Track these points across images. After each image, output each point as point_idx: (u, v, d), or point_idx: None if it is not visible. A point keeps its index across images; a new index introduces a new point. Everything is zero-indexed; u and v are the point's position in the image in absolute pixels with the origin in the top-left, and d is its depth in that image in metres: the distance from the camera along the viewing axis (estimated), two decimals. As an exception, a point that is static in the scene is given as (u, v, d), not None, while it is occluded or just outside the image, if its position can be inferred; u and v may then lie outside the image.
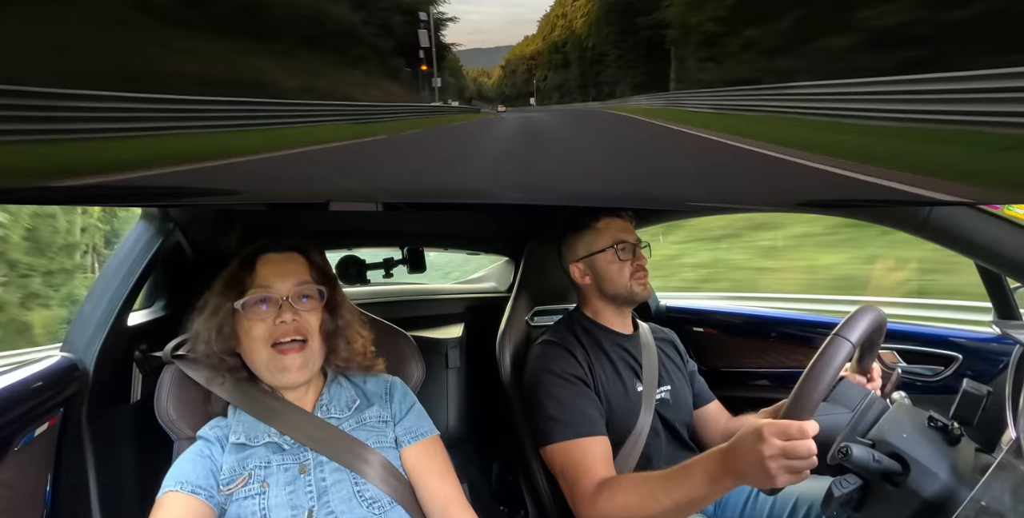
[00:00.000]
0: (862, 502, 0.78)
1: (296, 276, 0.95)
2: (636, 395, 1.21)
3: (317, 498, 0.88)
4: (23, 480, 0.95)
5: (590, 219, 1.27)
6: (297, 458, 0.91)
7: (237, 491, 0.88)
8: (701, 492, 0.86)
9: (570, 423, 1.10)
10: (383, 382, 1.05)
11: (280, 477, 0.89)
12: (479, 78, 2.24)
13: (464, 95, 2.02)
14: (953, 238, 0.93)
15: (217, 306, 0.94)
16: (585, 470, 1.05)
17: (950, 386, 1.31)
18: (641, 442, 1.17)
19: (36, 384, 0.98)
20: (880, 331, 0.87)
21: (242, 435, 0.92)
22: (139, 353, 1.24)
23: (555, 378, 1.15)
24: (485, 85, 2.24)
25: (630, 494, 0.96)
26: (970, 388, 0.84)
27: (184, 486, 0.85)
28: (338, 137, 1.58)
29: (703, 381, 1.41)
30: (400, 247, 1.98)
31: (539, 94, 2.40)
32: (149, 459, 0.91)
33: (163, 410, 1.02)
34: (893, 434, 0.78)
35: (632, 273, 1.23)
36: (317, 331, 0.95)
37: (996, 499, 0.68)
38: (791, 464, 0.74)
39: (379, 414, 0.99)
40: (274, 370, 0.91)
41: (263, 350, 0.91)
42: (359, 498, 0.89)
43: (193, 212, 1.28)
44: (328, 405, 0.97)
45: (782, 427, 0.75)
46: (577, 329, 1.26)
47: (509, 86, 2.36)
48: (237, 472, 0.89)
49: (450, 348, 1.88)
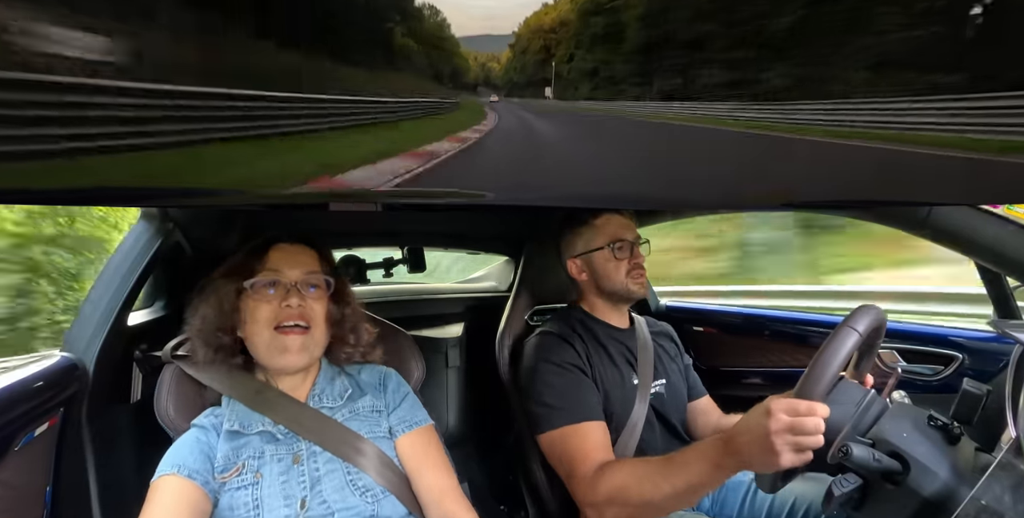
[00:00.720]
0: (862, 501, 0.78)
1: (306, 266, 0.97)
2: (632, 388, 1.21)
3: (310, 487, 0.89)
4: (23, 480, 0.96)
5: (589, 216, 1.27)
6: (291, 448, 0.92)
7: (231, 481, 0.88)
8: (701, 478, 0.86)
9: (568, 409, 1.10)
10: (377, 372, 1.05)
11: (273, 467, 0.89)
12: (488, 63, 1.71)
13: (462, 81, 1.59)
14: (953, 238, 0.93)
15: (220, 286, 0.96)
16: (584, 455, 1.05)
17: (950, 385, 1.32)
18: (636, 435, 1.18)
19: (36, 384, 0.98)
20: (879, 331, 0.87)
21: (236, 423, 0.93)
22: (139, 353, 1.24)
23: (553, 366, 1.15)
24: (494, 71, 1.70)
25: (629, 478, 0.95)
26: (970, 387, 0.84)
27: (181, 470, 0.85)
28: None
29: (696, 376, 1.42)
30: (400, 247, 1.98)
31: (559, 83, 1.64)
32: (149, 459, 0.91)
33: (163, 409, 1.02)
34: (893, 433, 0.78)
35: (628, 271, 1.24)
36: (321, 319, 0.96)
37: (996, 498, 0.68)
38: (797, 440, 0.74)
39: (372, 404, 1.00)
40: (274, 351, 0.92)
41: (265, 331, 0.93)
42: (352, 487, 0.90)
43: (193, 212, 1.28)
44: (321, 395, 0.98)
45: (791, 403, 0.75)
46: (574, 322, 1.26)
47: (518, 71, 1.69)
48: (231, 461, 0.90)
49: (450, 347, 1.89)
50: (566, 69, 1.63)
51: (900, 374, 1.01)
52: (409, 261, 1.98)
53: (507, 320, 1.38)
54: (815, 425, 0.73)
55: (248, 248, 0.99)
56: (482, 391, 1.91)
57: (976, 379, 0.86)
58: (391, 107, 1.41)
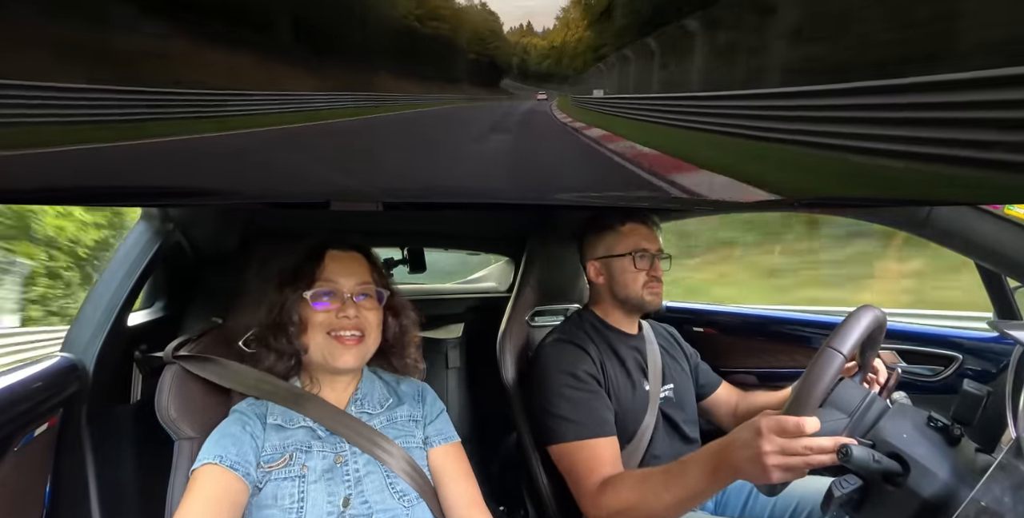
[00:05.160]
0: (862, 502, 0.78)
1: (359, 276, 0.99)
2: (643, 394, 1.22)
3: (354, 486, 0.90)
4: (23, 480, 0.96)
5: (615, 221, 1.27)
6: (334, 448, 0.93)
7: (277, 471, 0.89)
8: (699, 486, 0.87)
9: (582, 423, 1.10)
10: (415, 385, 1.07)
11: (319, 463, 0.91)
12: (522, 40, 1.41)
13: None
14: (953, 238, 0.93)
15: (283, 297, 0.96)
16: (590, 470, 1.06)
17: (950, 386, 1.32)
18: (646, 440, 1.19)
19: (36, 384, 0.98)
20: (880, 330, 0.87)
21: (279, 417, 0.94)
22: (139, 353, 1.24)
23: (568, 377, 1.15)
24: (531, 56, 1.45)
25: (632, 491, 0.97)
26: (970, 388, 0.84)
27: (224, 460, 0.86)
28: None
29: (707, 367, 1.41)
30: (400, 247, 1.98)
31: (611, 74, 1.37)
32: (149, 459, 0.91)
33: (164, 410, 1.02)
34: (893, 434, 0.78)
35: (646, 283, 1.24)
36: (374, 328, 0.98)
37: (996, 499, 0.68)
38: (786, 462, 0.75)
39: (410, 414, 1.02)
40: (329, 353, 0.94)
41: (319, 335, 0.95)
42: (391, 489, 0.91)
43: (193, 212, 1.28)
44: (363, 399, 1.00)
45: (780, 422, 0.75)
46: (587, 327, 1.26)
47: (555, 61, 1.38)
48: (279, 452, 0.90)
49: (450, 348, 1.89)
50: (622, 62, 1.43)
51: (900, 374, 1.01)
52: (409, 262, 1.98)
53: (508, 321, 1.38)
54: (803, 447, 0.74)
55: (302, 255, 0.99)
56: (482, 392, 1.91)
57: (976, 380, 0.86)
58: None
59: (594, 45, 1.43)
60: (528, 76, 1.58)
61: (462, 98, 1.63)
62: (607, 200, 1.19)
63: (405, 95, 1.54)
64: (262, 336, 0.97)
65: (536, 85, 1.59)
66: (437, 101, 1.59)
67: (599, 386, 1.16)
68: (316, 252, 1.00)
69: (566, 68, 1.52)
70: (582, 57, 1.48)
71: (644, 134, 1.35)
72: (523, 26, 1.40)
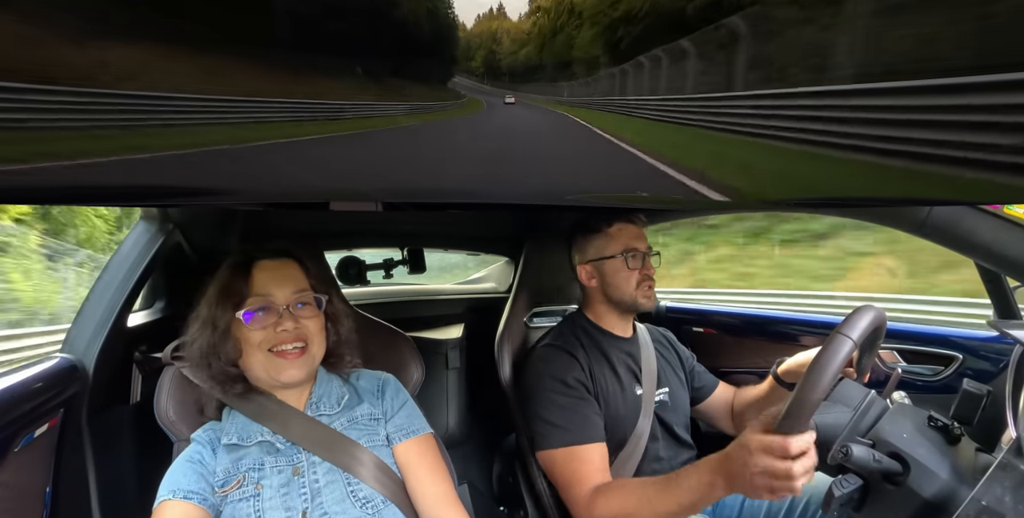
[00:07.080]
0: (862, 502, 0.78)
1: (294, 283, 0.95)
2: (635, 398, 1.21)
3: (311, 499, 0.88)
4: (23, 480, 0.96)
5: (603, 223, 1.26)
6: (291, 460, 0.91)
7: (232, 493, 0.88)
8: (693, 498, 0.87)
9: (569, 429, 1.10)
10: (375, 378, 1.05)
11: (274, 479, 0.89)
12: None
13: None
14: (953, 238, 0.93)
15: (215, 318, 0.92)
16: (580, 477, 1.06)
17: (950, 386, 1.31)
18: (641, 445, 1.18)
19: (36, 385, 0.98)
20: (880, 331, 0.87)
21: (234, 436, 0.92)
22: (139, 354, 1.24)
23: (556, 383, 1.15)
24: (499, 54, 1.36)
25: (625, 500, 0.97)
26: (970, 388, 0.84)
27: (176, 493, 0.85)
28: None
29: (703, 370, 1.40)
30: (400, 248, 1.98)
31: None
32: (149, 460, 0.91)
33: (163, 412, 1.02)
34: (893, 434, 0.78)
35: (639, 282, 1.23)
36: (317, 334, 0.95)
37: (996, 499, 0.68)
38: (771, 484, 0.74)
39: (370, 412, 0.99)
40: (272, 370, 0.92)
41: (259, 354, 0.91)
42: (352, 498, 0.90)
43: (193, 212, 1.28)
44: (318, 402, 0.97)
45: (766, 444, 0.74)
46: (579, 332, 1.26)
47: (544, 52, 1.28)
48: (232, 474, 0.89)
49: (450, 349, 1.89)
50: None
51: (900, 374, 1.01)
52: (409, 262, 1.98)
53: (506, 321, 1.38)
54: (786, 470, 0.73)
55: (230, 268, 0.95)
56: (482, 392, 1.91)
57: (976, 380, 0.86)
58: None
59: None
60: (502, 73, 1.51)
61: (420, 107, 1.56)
62: (607, 200, 1.19)
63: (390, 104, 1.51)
64: (201, 365, 0.94)
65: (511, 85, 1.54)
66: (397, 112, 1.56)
67: (588, 393, 1.15)
68: (242, 266, 0.95)
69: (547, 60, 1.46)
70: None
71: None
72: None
